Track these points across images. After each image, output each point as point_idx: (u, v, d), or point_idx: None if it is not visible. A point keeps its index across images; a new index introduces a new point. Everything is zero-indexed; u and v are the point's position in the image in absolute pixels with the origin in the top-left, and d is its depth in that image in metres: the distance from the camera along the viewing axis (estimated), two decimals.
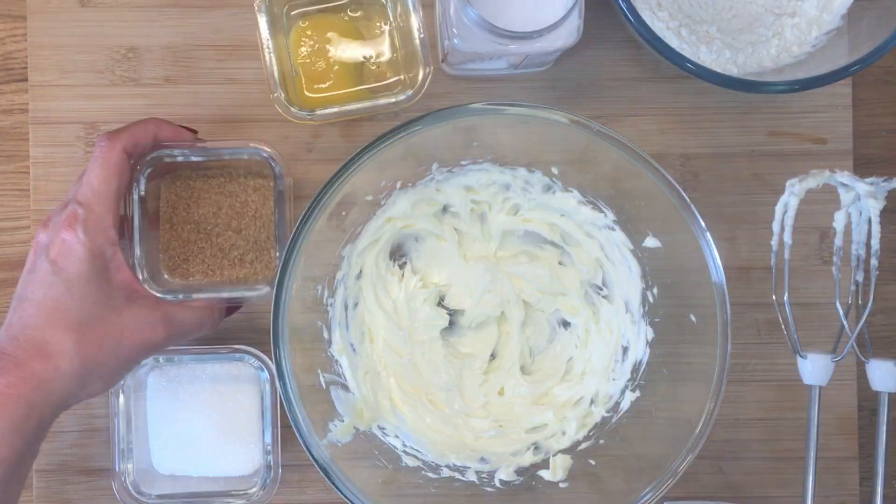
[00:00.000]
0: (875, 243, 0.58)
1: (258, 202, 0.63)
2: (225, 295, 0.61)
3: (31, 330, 0.54)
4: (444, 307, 0.70)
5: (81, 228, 0.54)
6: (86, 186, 0.55)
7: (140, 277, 0.59)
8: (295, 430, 0.59)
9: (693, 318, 0.63)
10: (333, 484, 0.59)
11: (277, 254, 0.62)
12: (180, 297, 0.59)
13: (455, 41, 0.58)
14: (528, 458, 0.67)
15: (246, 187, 0.63)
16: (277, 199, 0.61)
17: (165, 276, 0.62)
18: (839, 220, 0.59)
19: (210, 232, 0.62)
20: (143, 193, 0.59)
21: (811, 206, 0.63)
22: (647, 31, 0.60)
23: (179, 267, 0.62)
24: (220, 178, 0.63)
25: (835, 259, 0.60)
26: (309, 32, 0.64)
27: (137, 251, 0.59)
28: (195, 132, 0.62)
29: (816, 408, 0.61)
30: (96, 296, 0.55)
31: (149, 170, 0.59)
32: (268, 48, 0.62)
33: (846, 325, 0.60)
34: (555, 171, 0.66)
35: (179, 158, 0.60)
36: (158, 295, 0.59)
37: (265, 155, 0.61)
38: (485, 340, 0.70)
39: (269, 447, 0.64)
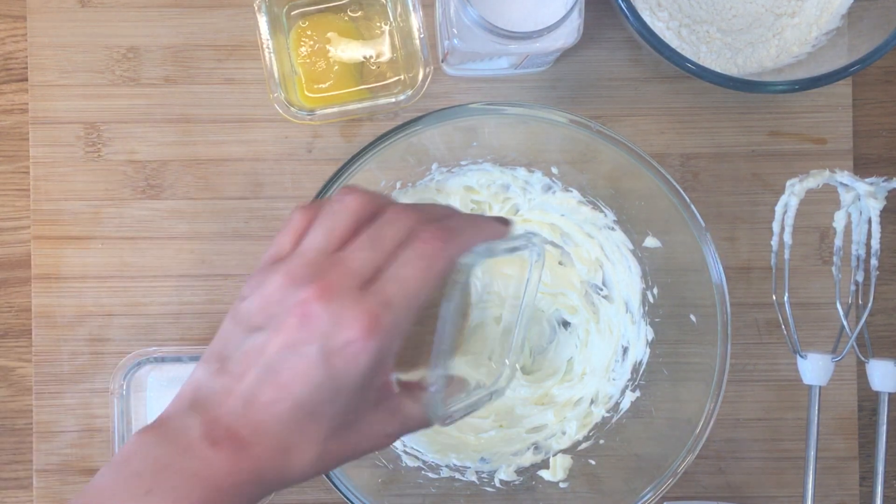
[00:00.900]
0: (875, 243, 0.58)
1: None
2: None
3: (279, 427, 0.42)
4: None
5: (380, 338, 0.42)
6: (399, 285, 0.42)
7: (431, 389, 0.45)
8: None
9: (693, 318, 0.63)
10: (333, 484, 0.59)
11: None
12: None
13: (455, 41, 0.58)
14: (528, 458, 0.67)
15: None
16: None
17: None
18: (839, 220, 0.59)
19: None
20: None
21: (811, 206, 0.63)
22: (647, 31, 0.60)
23: None
24: None
25: (835, 259, 0.60)
26: (309, 32, 0.64)
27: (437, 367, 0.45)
28: (507, 223, 0.48)
29: (816, 408, 0.61)
30: (358, 403, 0.44)
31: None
32: (268, 48, 0.62)
33: (846, 325, 0.60)
34: (555, 171, 0.66)
35: None
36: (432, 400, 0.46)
37: None
38: (484, 341, 0.70)
39: None
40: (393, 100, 0.63)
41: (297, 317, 0.41)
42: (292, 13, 0.64)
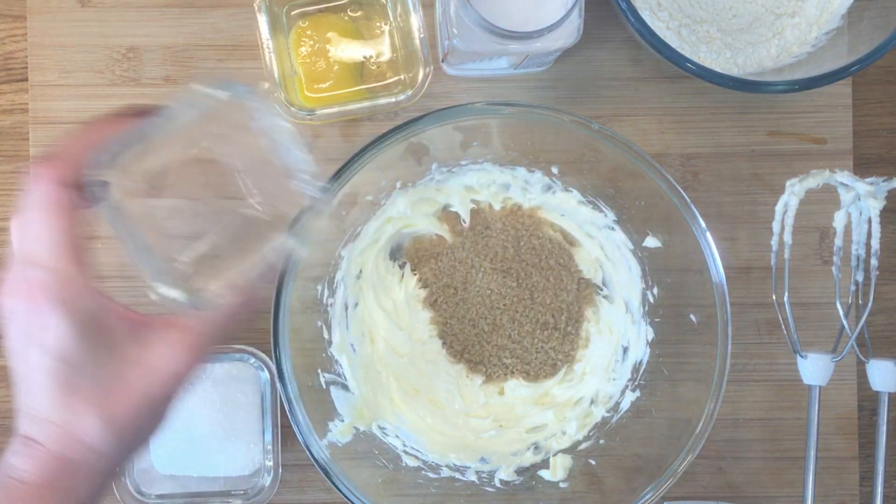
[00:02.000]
0: (875, 243, 0.58)
1: None
2: None
3: (51, 413, 0.44)
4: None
5: (44, 296, 0.43)
6: (32, 242, 0.43)
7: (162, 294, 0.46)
8: (295, 430, 0.59)
9: (693, 318, 0.63)
10: (333, 484, 0.59)
11: None
12: (196, 302, 0.47)
13: (455, 41, 0.58)
14: (528, 458, 0.67)
15: None
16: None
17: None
18: (839, 220, 0.59)
19: None
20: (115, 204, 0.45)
21: (811, 206, 0.63)
22: (647, 31, 0.60)
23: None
24: None
25: (835, 259, 0.60)
26: (309, 32, 0.64)
27: (141, 258, 0.46)
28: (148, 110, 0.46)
29: (816, 408, 0.61)
30: (98, 356, 0.44)
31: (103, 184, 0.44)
32: (268, 48, 0.62)
33: (846, 325, 0.60)
34: (555, 171, 0.66)
35: None
36: (174, 296, 0.46)
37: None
38: None
39: (269, 447, 0.64)
40: (393, 100, 0.63)
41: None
42: (292, 13, 0.64)
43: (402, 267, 0.69)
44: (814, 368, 0.61)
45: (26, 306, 0.43)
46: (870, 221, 0.58)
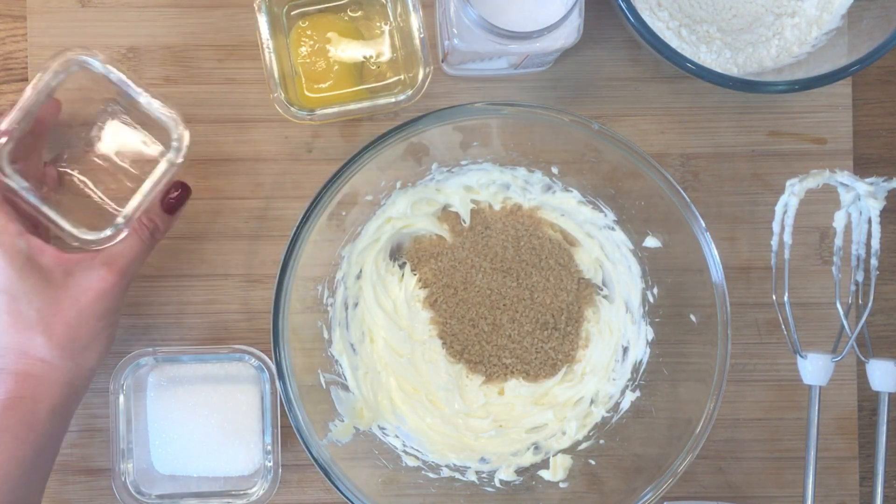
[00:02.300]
0: (875, 243, 0.58)
1: None
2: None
3: (5, 342, 0.57)
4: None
5: None
6: None
7: (68, 234, 0.59)
8: (295, 430, 0.59)
9: (693, 318, 0.63)
10: (333, 484, 0.59)
11: None
12: (107, 232, 0.59)
13: (455, 41, 0.58)
14: (528, 458, 0.67)
15: None
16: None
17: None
18: (839, 220, 0.59)
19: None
20: (13, 168, 0.58)
21: (811, 206, 0.63)
22: (647, 31, 0.60)
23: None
24: None
25: (835, 259, 0.60)
26: (309, 32, 0.64)
27: (53, 216, 0.59)
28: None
29: (816, 408, 0.61)
30: (36, 287, 0.57)
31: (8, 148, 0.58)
32: (268, 48, 0.62)
33: (846, 325, 0.60)
34: (555, 171, 0.66)
35: None
36: (87, 237, 0.59)
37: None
38: None
39: (269, 447, 0.64)
40: (393, 100, 0.63)
41: None
42: (292, 13, 0.64)
43: (402, 267, 0.69)
44: (814, 368, 0.61)
45: None
46: (870, 221, 0.58)
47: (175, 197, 0.61)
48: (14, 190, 0.58)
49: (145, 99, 0.60)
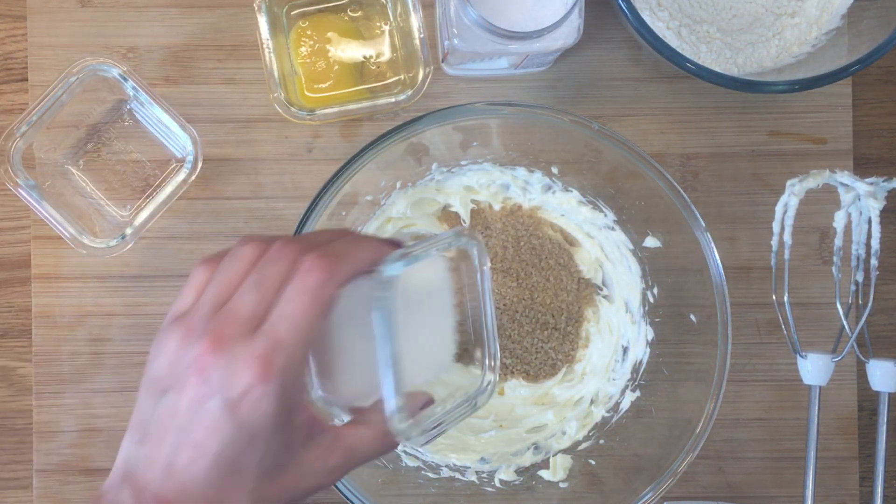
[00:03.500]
0: (875, 243, 0.58)
1: None
2: None
3: (203, 486, 0.43)
4: None
5: (279, 379, 0.42)
6: (286, 322, 0.42)
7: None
8: None
9: (693, 318, 0.63)
10: (333, 484, 0.59)
11: None
12: (113, 242, 0.60)
13: (455, 41, 0.58)
14: (528, 458, 0.67)
15: None
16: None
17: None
18: (839, 220, 0.59)
19: None
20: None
21: (811, 206, 0.63)
22: (647, 31, 0.60)
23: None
24: None
25: (835, 259, 0.60)
26: (309, 32, 0.64)
27: (60, 220, 0.60)
28: (398, 245, 0.48)
29: (816, 408, 0.61)
30: (279, 446, 0.44)
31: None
32: (268, 48, 0.62)
33: (846, 325, 0.60)
34: (555, 171, 0.66)
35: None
36: (94, 245, 0.60)
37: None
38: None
39: None
40: (393, 100, 0.63)
41: (196, 373, 0.42)
42: (292, 13, 0.64)
43: None
44: (814, 368, 0.61)
45: (248, 381, 0.42)
46: (870, 221, 0.58)
47: None
48: (21, 187, 0.59)
49: (158, 110, 0.61)
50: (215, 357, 0.42)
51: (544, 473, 0.67)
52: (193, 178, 0.62)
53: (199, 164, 0.62)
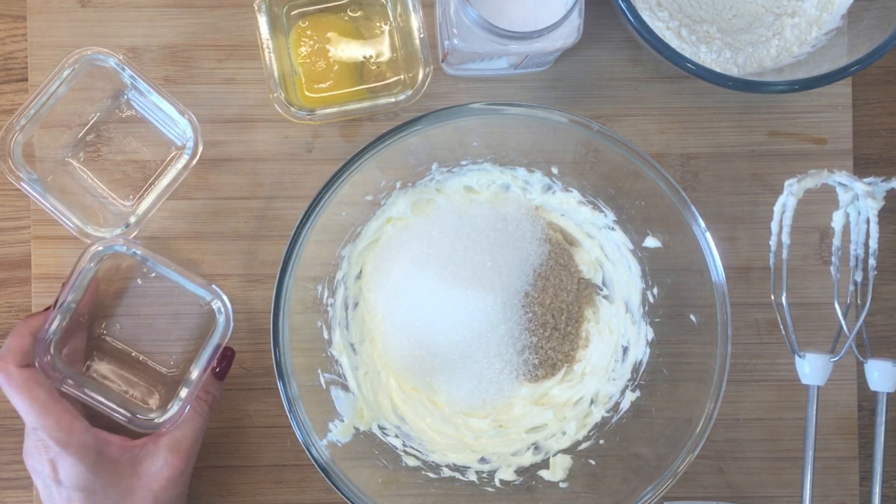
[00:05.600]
0: (873, 243, 0.58)
1: None
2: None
3: None
4: None
5: (55, 450, 0.56)
6: (27, 418, 0.57)
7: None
8: (295, 430, 0.59)
9: (693, 318, 0.63)
10: (333, 484, 0.59)
11: None
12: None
13: (455, 41, 0.58)
14: (528, 458, 0.67)
15: None
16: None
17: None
18: (838, 220, 0.59)
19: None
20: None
21: (810, 206, 0.63)
22: (647, 31, 0.60)
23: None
24: None
25: (833, 259, 0.60)
26: (309, 32, 0.64)
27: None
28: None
29: (815, 408, 0.61)
30: (110, 480, 0.57)
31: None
32: (268, 48, 0.62)
33: (845, 325, 0.60)
34: (555, 171, 0.66)
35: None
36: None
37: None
38: None
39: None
40: (393, 100, 0.63)
41: (33, 476, 0.59)
42: (292, 13, 0.64)
43: None
44: (812, 368, 0.61)
45: (45, 459, 0.56)
46: (868, 221, 0.58)
47: (224, 365, 0.63)
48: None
49: (156, 97, 0.61)
50: (26, 456, 0.59)
51: (544, 473, 0.67)
52: (194, 163, 0.62)
53: (200, 150, 0.62)
